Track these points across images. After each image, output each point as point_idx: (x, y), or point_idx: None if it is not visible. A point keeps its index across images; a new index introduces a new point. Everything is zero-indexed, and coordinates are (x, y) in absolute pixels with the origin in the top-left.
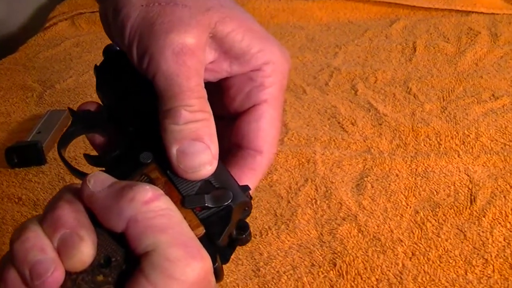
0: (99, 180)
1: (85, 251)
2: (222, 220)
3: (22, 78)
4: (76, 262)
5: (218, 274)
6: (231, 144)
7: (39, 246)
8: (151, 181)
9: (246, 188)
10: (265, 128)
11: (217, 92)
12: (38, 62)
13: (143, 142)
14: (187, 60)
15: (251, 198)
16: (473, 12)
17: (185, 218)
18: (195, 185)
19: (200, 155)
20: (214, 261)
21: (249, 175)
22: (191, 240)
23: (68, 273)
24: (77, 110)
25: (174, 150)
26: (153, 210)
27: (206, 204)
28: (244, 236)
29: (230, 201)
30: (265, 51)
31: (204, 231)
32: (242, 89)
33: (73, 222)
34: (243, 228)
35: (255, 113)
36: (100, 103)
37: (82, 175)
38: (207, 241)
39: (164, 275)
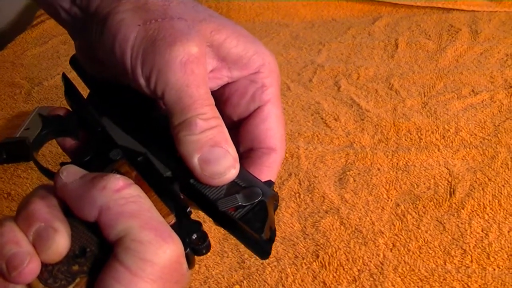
0: (72, 172)
1: (60, 242)
2: (259, 214)
3: (10, 75)
4: (51, 254)
5: (189, 261)
6: (241, 150)
7: (14, 240)
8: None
9: (270, 183)
10: (274, 127)
11: (217, 102)
12: (26, 60)
13: (111, 140)
14: (195, 68)
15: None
16: (454, 9)
17: (155, 207)
18: (221, 189)
19: (222, 160)
20: (185, 247)
21: (267, 173)
22: (161, 224)
23: (44, 265)
24: (47, 115)
25: (195, 159)
26: (124, 197)
27: (239, 203)
28: (204, 245)
29: (261, 196)
30: (259, 53)
31: (175, 219)
32: (246, 93)
33: (46, 215)
34: (203, 238)
35: (262, 114)
36: (69, 108)
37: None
38: (178, 229)
39: (136, 258)
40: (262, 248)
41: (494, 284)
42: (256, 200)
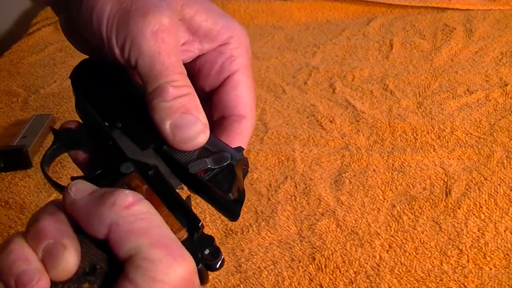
0: (80, 188)
1: (70, 260)
2: (228, 176)
3: (6, 84)
4: (61, 271)
5: (202, 277)
6: (214, 119)
7: (23, 257)
8: (132, 190)
9: (240, 149)
10: (243, 94)
11: (190, 74)
12: (22, 68)
13: (122, 154)
14: (166, 37)
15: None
16: (448, 8)
17: (166, 222)
18: (193, 154)
19: (192, 126)
20: (197, 262)
21: (238, 140)
22: (172, 242)
23: (54, 283)
24: (59, 129)
25: (167, 125)
26: (134, 214)
27: (209, 166)
28: (217, 261)
29: (230, 160)
30: (228, 27)
31: (187, 234)
32: (215, 63)
33: (56, 232)
34: (216, 253)
35: (231, 82)
36: (80, 121)
37: None
38: (190, 244)
39: (146, 277)
40: (231, 209)
41: (491, 283)
42: (225, 164)
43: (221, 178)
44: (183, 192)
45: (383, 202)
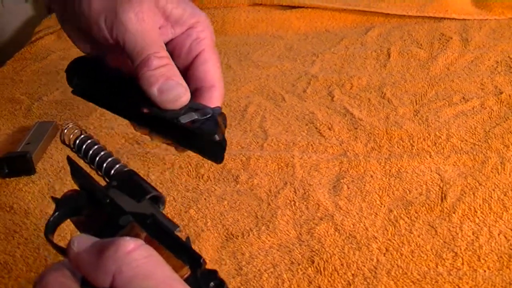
0: (82, 241)
1: None
2: (212, 123)
3: (10, 91)
4: None
5: None
6: (190, 90)
7: None
8: None
9: (218, 107)
10: (211, 68)
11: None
12: (25, 76)
13: (120, 209)
14: (146, 18)
15: None
16: (445, 18)
17: (168, 262)
18: (180, 112)
19: (175, 88)
20: None
21: (212, 105)
22: (176, 282)
23: None
24: (60, 198)
25: (154, 90)
26: (136, 259)
27: (196, 118)
28: None
29: (212, 112)
30: (195, 13)
31: (189, 271)
32: (185, 45)
33: (61, 286)
34: (221, 285)
35: (200, 59)
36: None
37: None
38: (194, 280)
39: None
40: (216, 152)
41: (485, 285)
42: (208, 115)
43: (207, 125)
44: (182, 234)
45: (380, 207)
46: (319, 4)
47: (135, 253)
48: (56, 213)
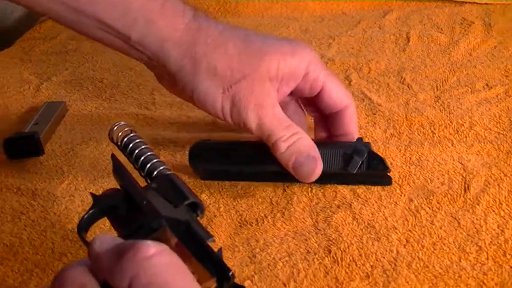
0: (105, 241)
1: None
2: (376, 159)
3: (18, 71)
4: None
5: None
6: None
7: None
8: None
9: (360, 139)
10: (338, 91)
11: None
12: (34, 55)
13: (156, 212)
14: (264, 104)
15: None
16: (466, 2)
17: (195, 272)
18: (337, 163)
19: (305, 165)
20: None
21: (350, 123)
22: None
23: None
24: (99, 195)
25: (290, 169)
26: (155, 265)
27: (360, 162)
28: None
29: (366, 149)
30: (302, 59)
31: (215, 284)
32: (305, 88)
33: (82, 280)
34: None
35: (325, 92)
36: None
37: None
38: None
39: None
40: (386, 179)
41: (511, 282)
42: (366, 153)
43: (374, 163)
44: (215, 244)
45: (400, 196)
46: None
47: (155, 259)
48: (92, 210)
